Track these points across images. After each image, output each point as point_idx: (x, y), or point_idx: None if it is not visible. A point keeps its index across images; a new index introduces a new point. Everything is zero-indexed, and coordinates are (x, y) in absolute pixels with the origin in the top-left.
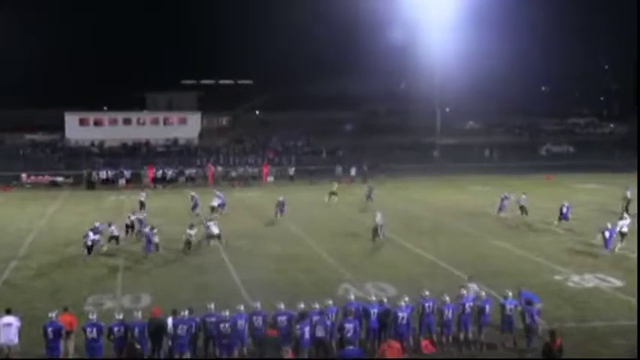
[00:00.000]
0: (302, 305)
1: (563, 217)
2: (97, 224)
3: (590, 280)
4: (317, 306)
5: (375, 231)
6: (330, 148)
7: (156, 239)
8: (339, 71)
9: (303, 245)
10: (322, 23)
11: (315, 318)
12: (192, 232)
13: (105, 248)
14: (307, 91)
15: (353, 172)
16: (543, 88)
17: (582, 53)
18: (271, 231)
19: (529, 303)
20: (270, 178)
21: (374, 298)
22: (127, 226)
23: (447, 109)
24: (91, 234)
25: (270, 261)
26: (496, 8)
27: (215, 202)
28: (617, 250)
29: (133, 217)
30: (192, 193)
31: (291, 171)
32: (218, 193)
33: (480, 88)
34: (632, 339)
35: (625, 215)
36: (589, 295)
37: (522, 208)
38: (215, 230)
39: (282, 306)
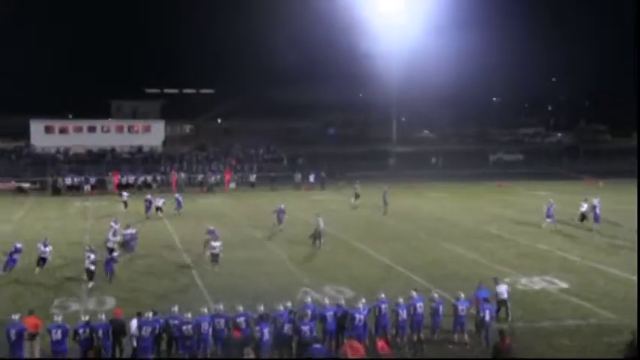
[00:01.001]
0: (262, 308)
1: (595, 218)
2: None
3: (537, 283)
4: (281, 307)
5: (314, 236)
6: (290, 156)
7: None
8: (299, 81)
9: (265, 250)
10: (283, 33)
11: (279, 319)
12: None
13: (36, 271)
14: (268, 100)
15: (312, 178)
16: (494, 99)
17: (532, 66)
18: (236, 237)
19: (486, 300)
20: (232, 185)
21: (327, 301)
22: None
23: (403, 119)
24: (41, 247)
25: (235, 265)
26: (451, 22)
27: (159, 202)
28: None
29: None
30: (148, 197)
31: (253, 178)
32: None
33: (435, 98)
34: (575, 340)
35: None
36: (537, 296)
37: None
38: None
39: (241, 308)
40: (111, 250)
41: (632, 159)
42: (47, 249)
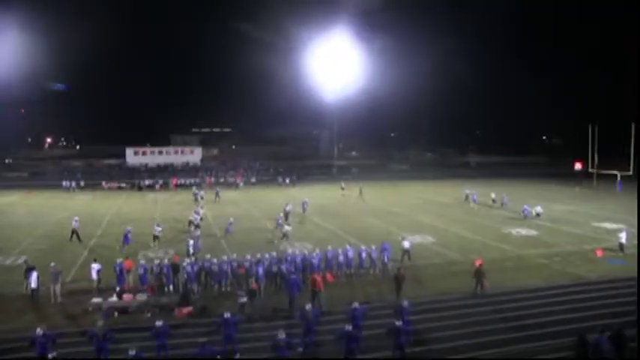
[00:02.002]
0: (258, 255)
1: (474, 201)
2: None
3: (417, 239)
4: (267, 255)
5: (287, 216)
6: (275, 167)
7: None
8: (279, 121)
9: (260, 222)
10: (269, 91)
11: (267, 262)
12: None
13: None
14: (261, 134)
15: (287, 181)
16: (392, 134)
17: (411, 115)
18: (242, 215)
19: (385, 250)
20: (241, 184)
21: (297, 251)
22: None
23: (340, 144)
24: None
25: (242, 231)
26: (367, 82)
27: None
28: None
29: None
30: (196, 191)
31: (253, 180)
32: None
33: (358, 132)
34: (437, 269)
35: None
36: (417, 246)
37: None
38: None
39: (248, 256)
40: (196, 226)
41: (466, 168)
42: (159, 228)
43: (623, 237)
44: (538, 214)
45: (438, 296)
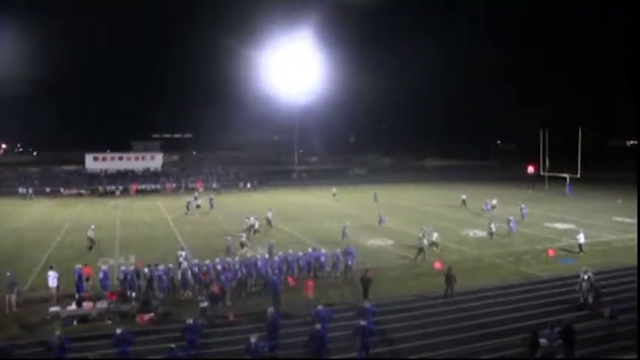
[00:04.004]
0: (228, 259)
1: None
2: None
3: (377, 242)
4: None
5: (269, 221)
6: (234, 172)
7: None
8: (240, 128)
9: (222, 227)
10: (231, 99)
11: (236, 265)
12: None
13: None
14: (222, 140)
15: (249, 185)
16: (352, 139)
17: (372, 120)
18: (205, 219)
19: (350, 253)
20: (202, 189)
21: (259, 256)
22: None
23: (301, 150)
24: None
25: (209, 235)
26: (330, 89)
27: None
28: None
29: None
30: (189, 199)
31: (214, 185)
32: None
33: (319, 138)
34: (397, 271)
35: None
36: (378, 249)
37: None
38: None
39: (207, 261)
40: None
41: (423, 172)
42: (92, 232)
43: (581, 237)
44: (494, 207)
45: (400, 297)
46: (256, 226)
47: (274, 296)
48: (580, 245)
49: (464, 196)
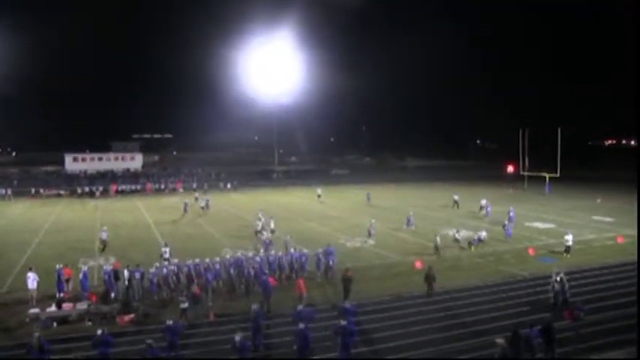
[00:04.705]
0: (207, 259)
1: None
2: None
3: (358, 242)
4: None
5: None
6: (215, 172)
7: None
8: (221, 129)
9: (202, 228)
10: (211, 99)
11: (216, 266)
12: None
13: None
14: (203, 140)
15: (229, 185)
16: (332, 139)
17: (352, 120)
18: (185, 219)
19: (330, 253)
20: (181, 190)
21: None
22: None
23: (281, 151)
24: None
25: (185, 236)
26: (306, 89)
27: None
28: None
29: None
30: (186, 201)
31: (194, 185)
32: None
33: (298, 138)
34: (378, 271)
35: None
36: (358, 250)
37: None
38: None
39: (189, 261)
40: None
41: (404, 172)
42: (105, 234)
43: (569, 239)
44: (482, 208)
45: (381, 297)
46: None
47: (264, 296)
48: (568, 247)
49: (456, 197)
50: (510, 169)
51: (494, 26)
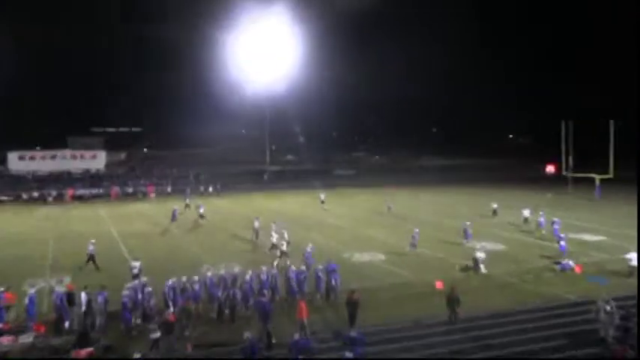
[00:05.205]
0: (184, 278)
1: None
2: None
3: (365, 257)
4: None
5: (256, 232)
6: (194, 173)
7: None
8: (200, 121)
9: (179, 241)
10: (189, 87)
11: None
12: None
13: None
14: (180, 134)
15: (210, 189)
16: (334, 134)
17: (359, 110)
18: (156, 230)
19: (333, 271)
20: (153, 195)
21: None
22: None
23: (274, 147)
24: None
25: (159, 250)
26: (303, 76)
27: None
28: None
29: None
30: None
31: (169, 189)
32: None
33: (295, 133)
34: (393, 291)
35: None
36: (364, 265)
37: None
38: None
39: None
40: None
41: (422, 173)
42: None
43: (633, 259)
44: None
45: (394, 324)
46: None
47: (261, 321)
48: (631, 268)
49: (495, 205)
50: (550, 169)
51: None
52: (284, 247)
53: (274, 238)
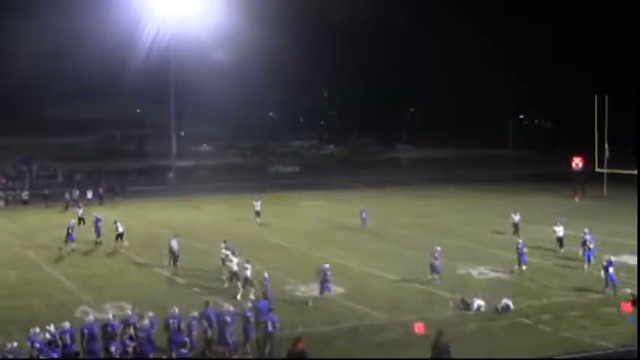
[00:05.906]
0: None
1: (363, 222)
2: None
3: (315, 289)
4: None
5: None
6: (67, 172)
7: None
8: (76, 98)
9: (39, 269)
10: (60, 52)
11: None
12: None
13: None
14: (43, 117)
15: (89, 195)
16: (270, 114)
17: (305, 81)
18: (6, 256)
19: (265, 310)
20: (1, 203)
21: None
22: None
23: (182, 133)
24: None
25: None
26: (226, 42)
27: None
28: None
29: None
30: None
31: (25, 195)
32: None
33: (213, 113)
34: (355, 338)
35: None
36: (316, 302)
37: None
38: None
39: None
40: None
41: (395, 169)
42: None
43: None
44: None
45: None
46: None
47: None
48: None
49: (516, 217)
50: (578, 163)
51: None
52: (248, 273)
53: (233, 263)
